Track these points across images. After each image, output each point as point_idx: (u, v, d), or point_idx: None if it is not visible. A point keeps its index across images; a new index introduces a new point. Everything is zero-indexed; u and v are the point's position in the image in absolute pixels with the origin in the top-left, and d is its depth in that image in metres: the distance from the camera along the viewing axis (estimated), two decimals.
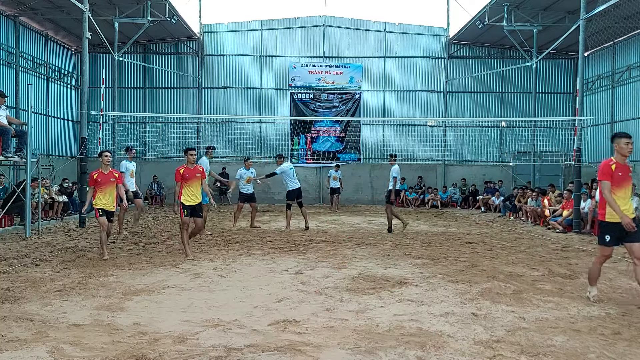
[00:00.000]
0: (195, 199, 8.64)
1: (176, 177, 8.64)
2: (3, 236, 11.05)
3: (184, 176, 8.57)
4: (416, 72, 22.97)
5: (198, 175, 8.70)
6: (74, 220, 14.26)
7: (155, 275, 7.25)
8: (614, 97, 19.67)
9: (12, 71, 17.52)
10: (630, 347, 4.47)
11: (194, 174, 8.65)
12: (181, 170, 8.62)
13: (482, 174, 22.32)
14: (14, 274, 7.17)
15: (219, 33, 22.90)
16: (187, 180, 8.57)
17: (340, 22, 22.94)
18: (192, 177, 8.62)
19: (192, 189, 8.60)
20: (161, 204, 21.02)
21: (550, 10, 18.12)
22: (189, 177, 8.59)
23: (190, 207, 8.58)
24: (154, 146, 21.33)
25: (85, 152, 13.84)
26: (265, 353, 4.20)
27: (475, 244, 10.71)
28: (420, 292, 6.35)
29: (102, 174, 8.61)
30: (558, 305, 5.78)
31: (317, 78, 22.64)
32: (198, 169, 8.78)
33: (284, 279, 7.07)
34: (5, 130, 10.91)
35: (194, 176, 8.65)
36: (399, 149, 22.39)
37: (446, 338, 4.62)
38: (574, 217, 12.88)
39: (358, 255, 9.00)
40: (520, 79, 22.56)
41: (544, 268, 7.98)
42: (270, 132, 22.39)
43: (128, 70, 22.31)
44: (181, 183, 8.57)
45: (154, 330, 4.76)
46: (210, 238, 11.17)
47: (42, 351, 4.21)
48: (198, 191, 8.67)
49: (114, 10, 18.16)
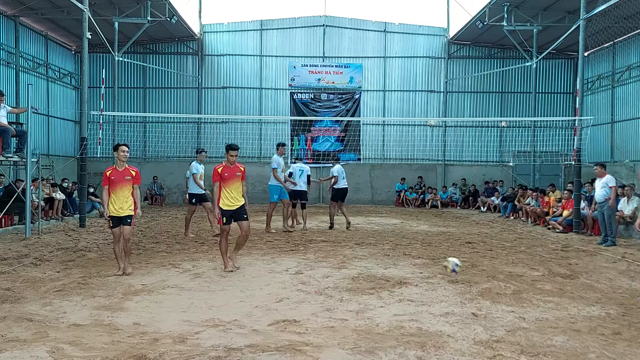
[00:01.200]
0: (235, 202, 7.63)
1: (214, 177, 7.62)
2: (3, 236, 11.05)
3: (223, 176, 7.57)
4: (416, 72, 22.98)
5: (239, 174, 7.69)
6: (74, 220, 14.27)
7: (155, 275, 7.25)
8: (614, 97, 19.67)
9: (12, 71, 17.51)
10: (630, 347, 4.47)
11: (234, 173, 7.63)
12: (219, 169, 7.60)
13: (482, 174, 22.32)
14: (14, 274, 7.17)
15: (219, 33, 22.90)
16: (225, 180, 7.57)
17: (340, 22, 22.94)
18: (231, 177, 7.61)
19: (231, 191, 7.61)
20: (161, 204, 21.02)
21: (550, 10, 18.11)
22: (229, 177, 7.59)
23: (230, 211, 7.59)
24: (154, 146, 21.35)
25: (85, 152, 13.84)
26: (265, 353, 4.20)
27: (475, 244, 10.71)
28: (420, 292, 6.35)
29: (116, 171, 7.37)
30: (558, 305, 5.78)
31: (317, 78, 22.64)
32: (239, 168, 7.72)
33: (284, 279, 7.07)
34: (6, 130, 10.91)
35: (234, 176, 7.64)
36: (399, 149, 22.44)
37: (446, 338, 4.62)
38: (574, 217, 12.88)
39: (358, 255, 9.00)
40: (520, 79, 22.55)
41: (544, 268, 7.98)
42: (270, 132, 22.39)
43: (128, 70, 22.31)
44: (219, 184, 7.59)
45: (154, 330, 4.77)
46: (210, 238, 11.17)
47: (42, 351, 4.21)
48: (238, 193, 7.71)
49: (114, 10, 18.16)
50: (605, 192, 10.92)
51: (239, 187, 7.69)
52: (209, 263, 8.21)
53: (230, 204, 7.58)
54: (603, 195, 10.94)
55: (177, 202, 21.80)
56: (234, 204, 7.60)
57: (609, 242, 10.66)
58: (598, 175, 11.17)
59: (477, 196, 20.64)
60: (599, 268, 8.16)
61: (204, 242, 10.58)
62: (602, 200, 10.96)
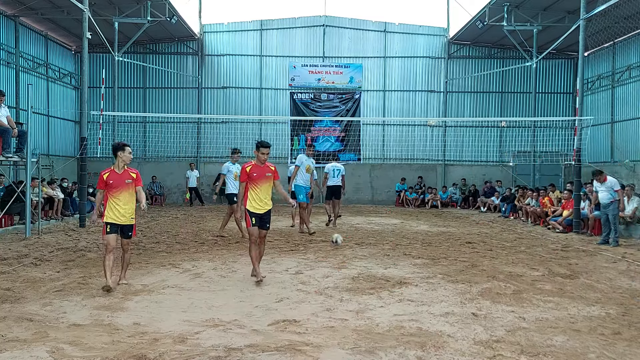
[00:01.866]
0: (263, 206, 6.93)
1: (241, 176, 7.04)
2: (3, 236, 11.05)
3: (251, 176, 6.90)
4: (416, 72, 22.97)
5: (269, 175, 6.99)
6: (74, 220, 14.27)
7: (155, 275, 7.25)
8: (614, 97, 19.66)
9: (12, 71, 17.51)
10: (630, 347, 4.47)
11: (263, 173, 6.95)
12: (248, 167, 6.96)
13: (482, 174, 22.31)
14: (14, 274, 7.17)
15: (219, 33, 22.90)
16: (254, 180, 6.90)
17: (340, 22, 22.93)
18: (261, 177, 6.93)
19: (260, 193, 6.91)
20: (161, 204, 21.02)
21: (550, 10, 18.11)
22: (258, 177, 6.91)
23: (258, 215, 6.90)
24: (154, 146, 21.34)
25: (85, 152, 13.84)
26: (265, 353, 4.20)
27: (475, 244, 10.71)
28: (420, 292, 6.35)
29: (115, 174, 6.57)
30: (558, 305, 5.78)
31: (317, 78, 22.64)
32: (269, 168, 7.03)
33: (284, 279, 7.07)
34: (6, 130, 10.91)
35: (264, 177, 6.94)
36: (399, 149, 22.43)
37: (446, 338, 4.62)
38: (574, 217, 12.88)
39: (358, 255, 9.00)
40: (520, 79, 22.55)
41: (544, 268, 7.98)
42: (270, 132, 22.38)
43: (128, 70, 22.30)
44: (246, 184, 6.96)
45: (154, 330, 4.77)
46: (210, 238, 11.17)
47: (42, 351, 4.21)
48: (268, 196, 7.00)
49: (114, 10, 18.16)
50: (610, 195, 10.92)
51: (268, 189, 7.01)
52: (209, 263, 8.21)
53: (258, 207, 6.88)
54: (608, 197, 10.93)
55: (177, 202, 21.81)
56: (262, 208, 6.91)
57: (613, 242, 10.67)
58: (598, 181, 11.12)
59: (477, 196, 20.65)
60: (599, 268, 8.16)
61: (203, 242, 10.58)
62: (607, 203, 10.95)
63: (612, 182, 10.95)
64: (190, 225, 13.86)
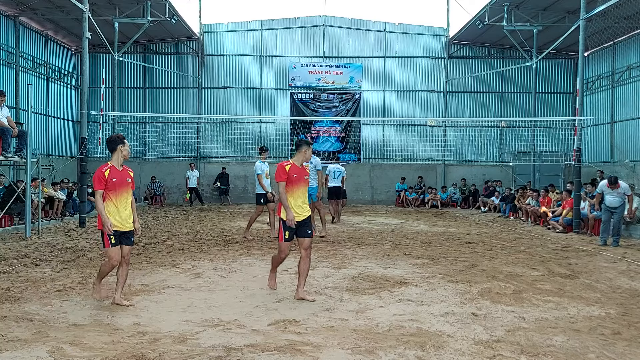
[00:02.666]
0: (301, 212, 6.01)
1: (279, 175, 5.95)
2: (3, 236, 11.05)
3: (290, 177, 5.96)
4: (416, 72, 22.98)
5: (306, 178, 6.18)
6: (74, 220, 14.27)
7: (155, 275, 7.25)
8: (614, 97, 19.67)
9: (12, 71, 17.51)
10: (630, 347, 4.47)
11: (302, 175, 6.06)
12: (287, 166, 5.99)
13: (482, 174, 22.31)
14: (14, 274, 7.17)
15: (219, 33, 22.90)
16: (292, 183, 5.96)
17: (340, 22, 22.94)
18: (300, 179, 6.03)
19: (297, 198, 6.03)
20: (161, 204, 21.02)
21: (550, 10, 18.12)
22: (297, 179, 5.99)
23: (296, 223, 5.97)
24: (154, 146, 21.35)
25: (85, 152, 13.84)
26: (265, 353, 4.20)
27: (475, 244, 10.71)
28: (420, 292, 6.35)
29: (116, 171, 5.58)
30: (558, 305, 5.78)
31: (317, 78, 22.64)
32: (306, 170, 6.21)
33: (284, 279, 7.06)
34: (6, 130, 10.90)
35: (302, 179, 6.06)
36: (399, 148, 22.44)
37: (446, 338, 4.62)
38: (574, 217, 12.88)
39: (358, 255, 9.00)
40: (520, 79, 22.55)
41: (543, 268, 7.98)
42: (270, 132, 22.40)
43: (128, 70, 22.31)
44: (285, 184, 5.96)
45: (154, 330, 4.77)
46: (210, 238, 11.17)
47: (42, 351, 4.21)
48: (305, 200, 6.14)
49: (114, 10, 18.17)
50: (619, 199, 10.89)
51: (305, 192, 6.15)
52: (209, 263, 8.20)
53: (296, 213, 5.97)
54: (618, 201, 10.89)
55: (177, 202, 21.82)
56: (299, 214, 5.99)
57: (614, 243, 10.67)
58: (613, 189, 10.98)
59: (477, 196, 20.65)
60: (599, 268, 8.16)
61: (203, 242, 10.58)
62: (617, 206, 10.91)
63: (625, 188, 10.91)
64: (190, 225, 13.86)
